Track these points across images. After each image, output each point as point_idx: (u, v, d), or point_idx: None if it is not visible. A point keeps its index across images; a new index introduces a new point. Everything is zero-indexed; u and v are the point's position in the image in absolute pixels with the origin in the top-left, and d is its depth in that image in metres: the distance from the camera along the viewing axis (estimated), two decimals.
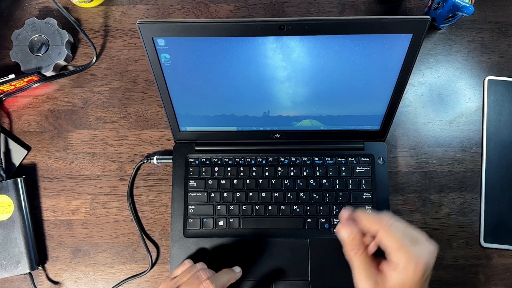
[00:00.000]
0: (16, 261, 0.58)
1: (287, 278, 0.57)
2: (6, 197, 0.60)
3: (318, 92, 0.53)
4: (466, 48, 0.66)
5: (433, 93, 0.65)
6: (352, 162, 0.61)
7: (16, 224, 0.59)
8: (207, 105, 0.56)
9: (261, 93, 0.54)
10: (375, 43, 0.47)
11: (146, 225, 0.62)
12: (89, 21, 0.67)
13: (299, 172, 0.60)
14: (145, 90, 0.65)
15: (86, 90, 0.66)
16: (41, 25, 0.65)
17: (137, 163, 0.63)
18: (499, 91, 0.64)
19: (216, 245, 0.59)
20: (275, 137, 0.60)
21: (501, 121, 0.63)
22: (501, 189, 0.61)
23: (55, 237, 0.62)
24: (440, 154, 0.63)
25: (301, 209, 0.59)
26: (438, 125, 0.64)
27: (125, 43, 0.67)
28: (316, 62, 0.49)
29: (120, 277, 0.60)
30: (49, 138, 0.64)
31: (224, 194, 0.60)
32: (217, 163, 0.61)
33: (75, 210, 0.62)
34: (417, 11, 0.67)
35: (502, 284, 0.59)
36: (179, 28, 0.46)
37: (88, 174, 0.63)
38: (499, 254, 0.60)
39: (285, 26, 0.45)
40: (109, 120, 0.65)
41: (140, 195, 0.63)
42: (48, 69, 0.64)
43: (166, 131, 0.64)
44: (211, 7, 0.67)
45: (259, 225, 0.59)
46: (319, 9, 0.67)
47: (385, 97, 0.54)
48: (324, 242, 0.58)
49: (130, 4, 0.68)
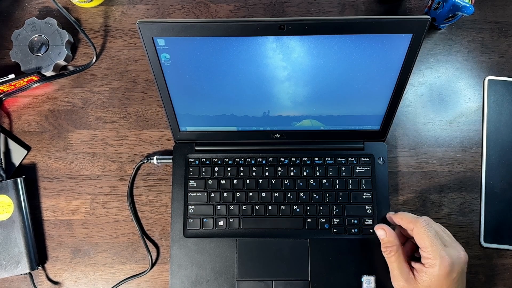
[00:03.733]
0: (16, 261, 0.58)
1: (287, 278, 0.57)
2: (6, 197, 0.60)
3: (318, 92, 0.53)
4: (466, 48, 0.66)
5: (433, 93, 0.65)
6: (352, 162, 0.61)
7: (16, 224, 0.59)
8: (207, 105, 0.56)
9: (261, 93, 0.54)
10: (375, 43, 0.47)
11: (146, 225, 0.62)
12: (89, 21, 0.67)
13: (299, 172, 0.60)
14: (145, 90, 0.65)
15: (86, 90, 0.66)
16: (41, 25, 0.65)
17: (137, 163, 0.63)
18: (499, 91, 0.64)
19: (216, 245, 0.59)
20: (275, 137, 0.60)
21: (501, 121, 0.63)
22: (501, 189, 0.61)
23: (55, 237, 0.62)
24: (440, 154, 0.63)
25: (301, 209, 0.59)
26: (438, 125, 0.64)
27: (125, 43, 0.67)
28: (316, 62, 0.49)
29: (120, 277, 0.60)
30: (49, 138, 0.64)
31: (224, 194, 0.60)
32: (217, 163, 0.61)
33: (75, 210, 0.62)
34: (417, 11, 0.67)
35: (502, 284, 0.59)
36: (179, 28, 0.46)
37: (88, 174, 0.63)
38: (499, 254, 0.60)
39: (285, 26, 0.45)
40: (109, 120, 0.65)
41: (140, 195, 0.63)
42: (48, 69, 0.64)
43: (166, 131, 0.64)
44: (211, 7, 0.67)
45: (259, 225, 0.59)
46: (319, 9, 0.67)
47: (385, 97, 0.54)
48: (324, 242, 0.58)
49: (130, 4, 0.68)
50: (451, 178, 0.62)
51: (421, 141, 0.63)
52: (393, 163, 0.63)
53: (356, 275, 0.57)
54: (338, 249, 0.58)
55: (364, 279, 0.57)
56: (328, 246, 0.58)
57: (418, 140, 0.63)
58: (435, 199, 0.62)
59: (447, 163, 0.62)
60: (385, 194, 0.60)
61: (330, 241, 0.58)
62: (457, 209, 0.61)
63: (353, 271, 0.57)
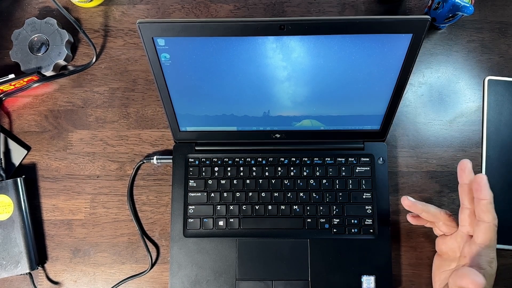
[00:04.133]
0: (16, 261, 0.58)
1: (287, 278, 0.57)
2: (6, 197, 0.60)
3: (318, 92, 0.53)
4: (466, 48, 0.66)
5: (433, 93, 0.65)
6: (352, 162, 0.61)
7: (16, 224, 0.59)
8: (207, 105, 0.56)
9: (261, 93, 0.54)
10: (375, 43, 0.47)
11: (146, 225, 0.62)
12: (89, 21, 0.67)
13: (299, 172, 0.60)
14: (145, 90, 0.65)
15: (86, 90, 0.66)
16: (41, 25, 0.65)
17: (137, 163, 0.63)
18: (499, 91, 0.64)
19: (216, 245, 0.59)
20: (275, 137, 0.60)
21: (501, 121, 0.63)
22: (501, 189, 0.61)
23: (55, 237, 0.62)
24: (440, 154, 0.63)
25: (301, 209, 0.59)
26: (438, 125, 0.64)
27: (125, 43, 0.67)
28: (316, 62, 0.49)
29: (120, 277, 0.60)
30: (49, 138, 0.64)
31: (224, 194, 0.60)
32: (217, 163, 0.61)
33: (75, 210, 0.62)
34: (417, 11, 0.67)
35: (502, 284, 0.59)
36: (179, 28, 0.46)
37: (88, 174, 0.63)
38: (499, 254, 0.60)
39: (285, 26, 0.45)
40: (109, 120, 0.65)
41: (140, 195, 0.63)
42: (48, 69, 0.64)
43: (166, 131, 0.64)
44: (211, 7, 0.67)
45: (259, 225, 0.59)
46: (319, 9, 0.67)
47: (385, 97, 0.54)
48: (324, 242, 0.58)
49: (130, 4, 0.68)
50: (451, 178, 0.62)
51: (421, 141, 0.63)
52: (393, 163, 0.63)
53: (356, 275, 0.57)
54: (338, 249, 0.58)
55: (364, 279, 0.57)
56: (328, 246, 0.58)
57: (418, 140, 0.63)
58: (435, 199, 0.62)
59: (447, 163, 0.62)
60: (385, 194, 0.60)
61: (330, 241, 0.58)
62: (457, 209, 0.61)
63: (353, 271, 0.57)
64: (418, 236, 0.60)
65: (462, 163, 0.49)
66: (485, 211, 0.47)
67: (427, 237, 0.60)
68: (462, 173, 0.49)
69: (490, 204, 0.47)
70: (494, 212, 0.47)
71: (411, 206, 0.53)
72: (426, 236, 0.60)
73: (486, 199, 0.47)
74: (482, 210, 0.47)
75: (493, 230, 0.47)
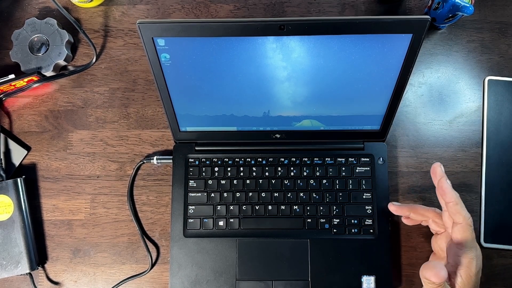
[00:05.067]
0: (16, 261, 0.58)
1: (287, 278, 0.57)
2: (6, 197, 0.60)
3: (318, 92, 0.53)
4: (466, 48, 0.66)
5: (433, 93, 0.65)
6: (352, 162, 0.61)
7: (16, 224, 0.59)
8: (207, 105, 0.56)
9: (261, 93, 0.54)
10: (375, 43, 0.47)
11: (146, 225, 0.62)
12: (89, 21, 0.67)
13: (299, 172, 0.60)
14: (145, 90, 0.65)
15: (86, 90, 0.66)
16: (41, 25, 0.65)
17: (137, 163, 0.63)
18: (499, 91, 0.64)
19: (216, 245, 0.59)
20: (275, 137, 0.60)
21: (501, 121, 0.63)
22: (501, 189, 0.61)
23: (55, 237, 0.62)
24: (440, 154, 0.63)
25: (301, 209, 0.59)
26: (438, 125, 0.64)
27: (125, 43, 0.67)
28: (316, 62, 0.49)
29: (120, 277, 0.60)
30: (49, 138, 0.64)
31: (224, 194, 0.60)
32: (217, 163, 0.61)
33: (75, 210, 0.62)
34: (417, 11, 0.67)
35: (502, 284, 0.59)
36: (179, 28, 0.46)
37: (88, 174, 0.63)
38: (499, 254, 0.60)
39: (285, 26, 0.45)
40: (109, 120, 0.65)
41: (140, 195, 0.63)
42: (48, 69, 0.64)
43: (166, 131, 0.64)
44: (211, 7, 0.67)
45: (259, 225, 0.59)
46: (319, 9, 0.67)
47: (385, 97, 0.54)
48: (324, 242, 0.58)
49: (130, 4, 0.68)
50: (451, 178, 0.62)
51: (421, 141, 0.63)
52: (393, 163, 0.63)
53: (356, 275, 0.57)
54: (338, 249, 0.58)
55: (364, 279, 0.57)
56: (328, 246, 0.58)
57: (418, 140, 0.63)
58: (435, 199, 0.61)
59: (447, 163, 0.62)
60: (385, 194, 0.60)
61: (330, 241, 0.58)
62: None
63: (353, 271, 0.57)
64: (418, 236, 0.60)
65: (433, 168, 0.50)
66: (455, 213, 0.48)
67: (427, 237, 0.60)
68: (434, 177, 0.50)
69: (457, 205, 0.48)
70: (465, 212, 0.48)
71: (397, 210, 0.56)
72: (426, 236, 0.60)
73: (451, 201, 0.48)
74: (451, 212, 0.48)
75: (467, 230, 0.47)
